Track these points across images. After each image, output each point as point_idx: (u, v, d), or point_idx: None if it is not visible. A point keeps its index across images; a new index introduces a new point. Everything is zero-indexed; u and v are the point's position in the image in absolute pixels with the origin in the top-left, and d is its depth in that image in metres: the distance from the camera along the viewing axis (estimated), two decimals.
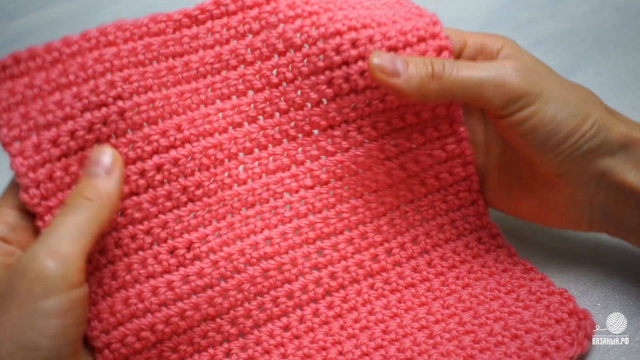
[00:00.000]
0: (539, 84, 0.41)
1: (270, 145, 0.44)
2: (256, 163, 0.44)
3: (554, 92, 0.42)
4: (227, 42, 0.44)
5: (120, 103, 0.40)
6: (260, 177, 0.44)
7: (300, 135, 0.45)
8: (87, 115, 0.39)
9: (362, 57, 0.43)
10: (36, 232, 0.39)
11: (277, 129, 0.44)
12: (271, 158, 0.44)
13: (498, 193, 0.48)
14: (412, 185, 0.48)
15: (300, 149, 0.45)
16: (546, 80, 0.42)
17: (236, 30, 0.44)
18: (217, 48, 0.44)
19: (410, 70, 0.41)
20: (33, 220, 0.39)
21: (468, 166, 0.48)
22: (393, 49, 0.43)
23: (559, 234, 0.52)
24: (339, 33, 0.43)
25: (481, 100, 0.41)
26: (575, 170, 0.42)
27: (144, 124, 0.41)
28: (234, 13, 0.44)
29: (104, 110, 0.39)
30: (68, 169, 0.39)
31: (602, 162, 0.42)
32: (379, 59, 0.41)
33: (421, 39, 0.44)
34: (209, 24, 0.44)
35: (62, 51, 0.40)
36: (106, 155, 0.39)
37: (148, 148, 0.41)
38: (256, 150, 0.44)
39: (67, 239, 0.35)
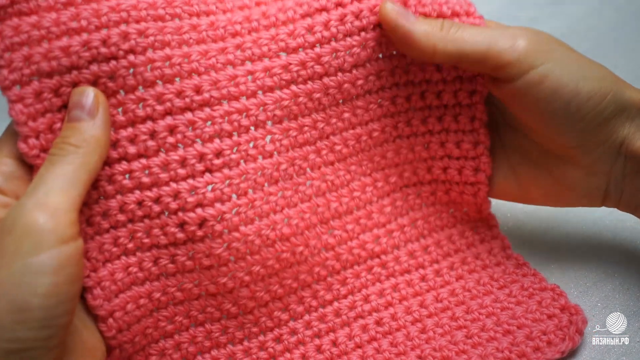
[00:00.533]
0: (550, 46, 0.40)
1: (300, 115, 0.41)
2: (285, 134, 0.41)
3: (566, 54, 0.40)
4: (258, 5, 0.42)
5: (131, 57, 0.37)
6: (288, 150, 0.41)
7: (329, 106, 0.42)
8: (94, 67, 0.36)
9: None
10: None
11: (309, 97, 0.41)
12: (300, 129, 0.42)
13: (503, 181, 0.47)
14: (418, 169, 0.47)
15: (327, 120, 0.42)
16: (554, 43, 0.41)
17: None
18: (247, 11, 0.41)
19: (419, 18, 0.40)
20: (31, 170, 0.36)
21: (479, 173, 0.46)
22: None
23: (559, 234, 0.52)
24: None
25: (491, 55, 0.39)
26: (597, 139, 0.41)
27: (158, 81, 0.38)
28: None
29: (112, 63, 0.37)
30: None
31: (622, 130, 0.41)
32: (391, 3, 0.40)
33: (455, 14, 0.43)
34: None
35: None
36: (88, 97, 0.36)
37: (160, 108, 0.38)
38: (285, 120, 0.41)
39: (56, 190, 0.32)
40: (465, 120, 0.46)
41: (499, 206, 0.52)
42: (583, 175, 0.43)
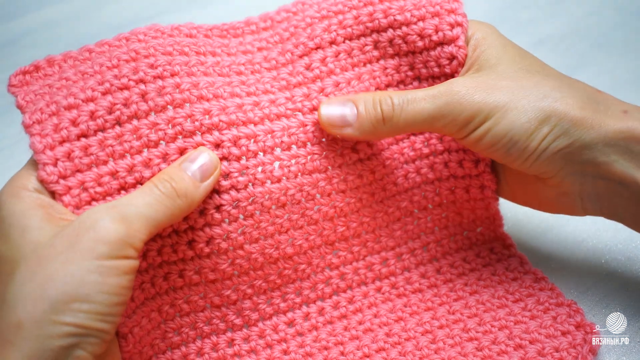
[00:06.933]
0: (493, 96, 0.41)
1: (309, 143, 0.43)
2: (293, 161, 0.42)
3: (509, 100, 0.41)
4: (259, 50, 0.44)
5: (142, 86, 0.39)
6: (296, 176, 0.42)
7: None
8: (109, 98, 0.39)
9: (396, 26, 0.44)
10: None
11: (316, 126, 0.43)
12: (309, 157, 0.43)
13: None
14: (427, 192, 0.47)
15: (339, 151, 0.44)
16: (501, 89, 0.41)
17: (267, 42, 0.45)
18: (249, 55, 0.44)
19: (360, 114, 0.41)
20: None
21: (485, 189, 0.47)
22: (405, 24, 0.44)
23: (559, 234, 0.52)
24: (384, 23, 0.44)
25: (436, 129, 0.42)
26: (553, 167, 0.42)
27: (169, 107, 0.40)
28: (265, 29, 0.45)
29: (125, 92, 0.39)
30: (87, 150, 0.39)
31: (579, 156, 0.41)
32: (326, 109, 0.42)
33: (436, 14, 0.44)
34: (240, 38, 0.45)
35: (93, 50, 0.41)
36: (205, 159, 0.39)
37: (171, 131, 0.40)
38: (294, 147, 0.42)
39: (140, 216, 0.36)
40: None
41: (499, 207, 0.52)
42: (555, 195, 0.44)
